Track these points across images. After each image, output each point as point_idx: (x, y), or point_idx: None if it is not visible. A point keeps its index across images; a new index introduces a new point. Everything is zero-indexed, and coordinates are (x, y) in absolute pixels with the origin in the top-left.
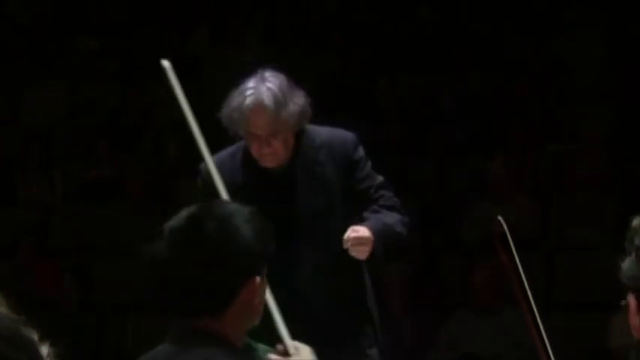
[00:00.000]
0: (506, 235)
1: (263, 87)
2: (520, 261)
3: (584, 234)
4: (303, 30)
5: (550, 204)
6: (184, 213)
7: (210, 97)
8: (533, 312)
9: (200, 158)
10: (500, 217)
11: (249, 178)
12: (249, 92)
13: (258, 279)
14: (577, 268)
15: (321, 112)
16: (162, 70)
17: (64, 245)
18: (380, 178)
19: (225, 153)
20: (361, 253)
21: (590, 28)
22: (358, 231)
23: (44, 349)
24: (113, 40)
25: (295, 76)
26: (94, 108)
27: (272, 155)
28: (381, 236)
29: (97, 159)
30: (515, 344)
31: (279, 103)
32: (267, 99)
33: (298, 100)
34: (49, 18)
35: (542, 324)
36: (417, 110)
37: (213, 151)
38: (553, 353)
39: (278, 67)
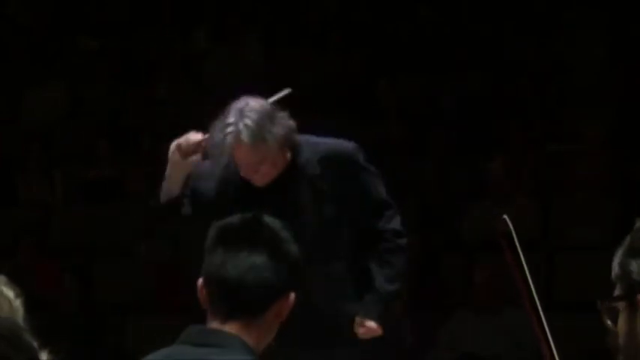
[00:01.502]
0: (511, 233)
1: (241, 124)
2: None
3: (584, 234)
4: (303, 30)
5: (550, 204)
6: (236, 218)
7: (210, 97)
8: (538, 311)
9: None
10: (505, 216)
11: (242, 192)
12: (229, 129)
13: (292, 295)
14: (577, 268)
15: (321, 112)
16: (161, 71)
17: (64, 245)
18: (381, 194)
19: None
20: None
21: (590, 28)
22: (365, 325)
23: (44, 356)
24: (113, 40)
25: (295, 76)
26: (94, 108)
27: (261, 177)
28: (384, 310)
29: (97, 159)
30: (515, 344)
31: (259, 138)
32: (246, 137)
33: (279, 129)
34: (49, 18)
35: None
36: (417, 110)
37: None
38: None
39: (278, 67)
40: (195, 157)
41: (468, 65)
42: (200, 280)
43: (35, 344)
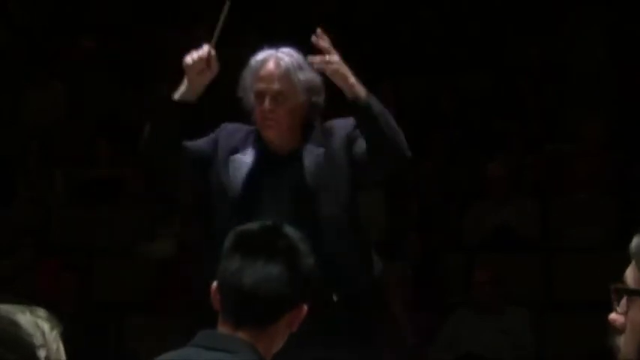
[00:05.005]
0: None
1: (274, 51)
2: (520, 261)
3: (584, 234)
4: (303, 30)
5: (549, 204)
6: (256, 225)
7: (210, 97)
8: None
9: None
10: None
11: (253, 156)
12: (264, 52)
13: (305, 307)
14: (577, 268)
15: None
16: (161, 71)
17: (64, 245)
18: None
19: (245, 127)
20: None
21: (590, 28)
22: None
23: (42, 352)
24: (113, 40)
25: None
26: (93, 108)
27: (274, 122)
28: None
29: (97, 159)
30: (515, 344)
31: (291, 63)
32: (280, 55)
33: (310, 75)
34: (48, 18)
35: (543, 324)
36: (417, 110)
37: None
38: (553, 353)
39: None
40: (210, 71)
41: (468, 65)
42: (214, 284)
43: (37, 341)
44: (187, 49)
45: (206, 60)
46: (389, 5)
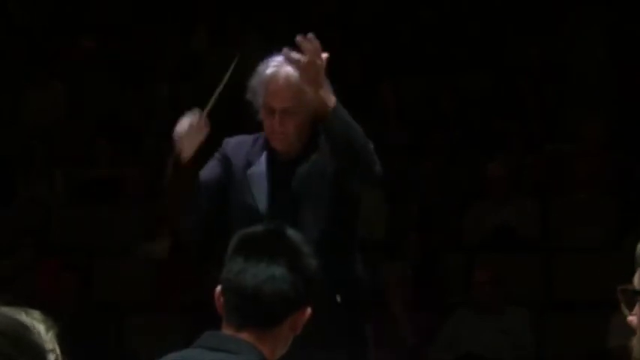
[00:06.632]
0: None
1: (286, 63)
2: (520, 261)
3: (584, 234)
4: (303, 30)
5: (549, 204)
6: (259, 228)
7: (210, 97)
8: None
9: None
10: None
11: (265, 165)
12: (273, 63)
13: (308, 310)
14: (577, 268)
15: None
16: (161, 71)
17: (64, 245)
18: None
19: (249, 136)
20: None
21: (590, 28)
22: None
23: (51, 356)
24: (113, 40)
25: None
26: (93, 108)
27: (282, 135)
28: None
29: (97, 159)
30: (515, 344)
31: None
32: (291, 71)
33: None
34: (48, 18)
35: (543, 324)
36: (417, 110)
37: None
38: (553, 353)
39: None
40: (201, 134)
41: (468, 65)
42: (218, 288)
43: (46, 346)
44: (187, 50)
45: (197, 126)
46: (389, 5)
